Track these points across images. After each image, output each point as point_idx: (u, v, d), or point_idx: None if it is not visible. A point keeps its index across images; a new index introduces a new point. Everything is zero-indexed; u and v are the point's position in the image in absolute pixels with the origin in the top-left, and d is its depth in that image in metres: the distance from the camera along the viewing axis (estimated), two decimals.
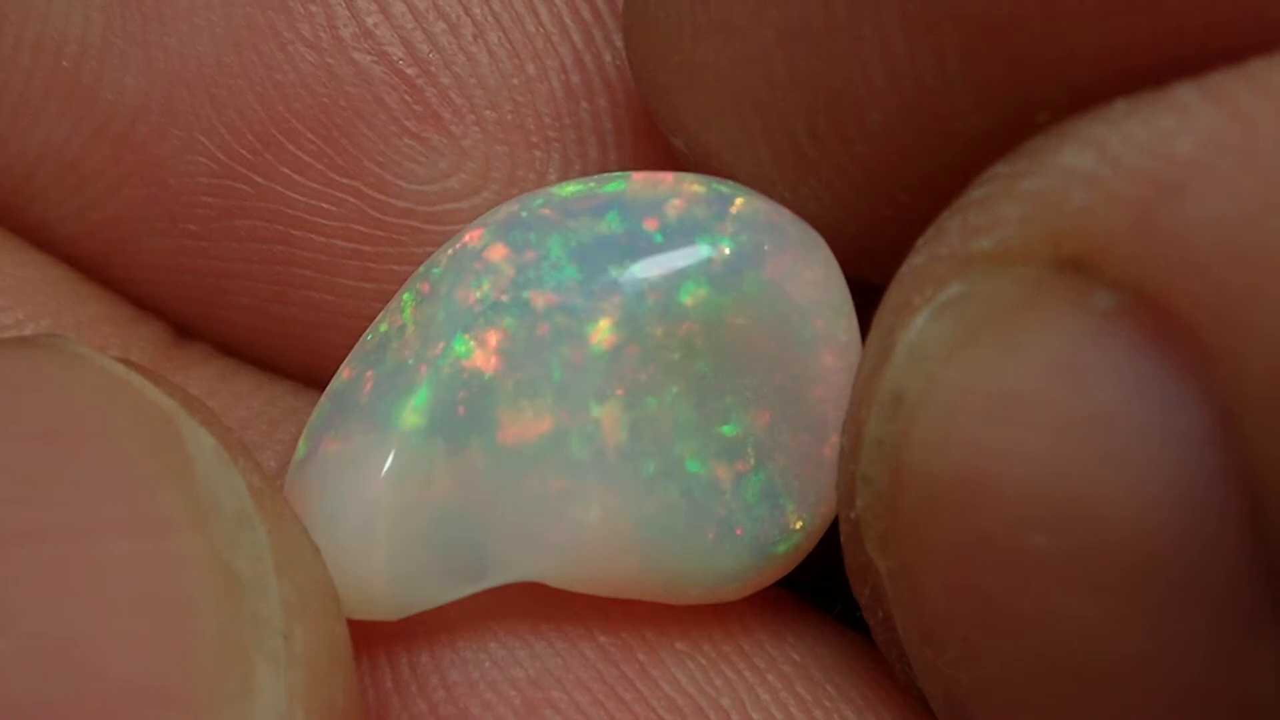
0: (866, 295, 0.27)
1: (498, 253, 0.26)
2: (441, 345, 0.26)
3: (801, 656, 0.27)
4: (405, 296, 0.27)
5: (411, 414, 0.26)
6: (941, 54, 0.24)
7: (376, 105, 0.28)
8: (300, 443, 0.27)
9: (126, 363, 0.24)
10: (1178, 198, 0.21)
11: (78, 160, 0.29)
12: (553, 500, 0.26)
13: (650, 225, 0.26)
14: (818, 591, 0.28)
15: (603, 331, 0.26)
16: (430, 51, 0.28)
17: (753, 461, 0.26)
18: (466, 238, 0.27)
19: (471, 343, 0.26)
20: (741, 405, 0.26)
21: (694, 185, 0.27)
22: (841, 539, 0.26)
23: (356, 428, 0.26)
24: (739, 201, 0.26)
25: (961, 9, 0.24)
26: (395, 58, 0.28)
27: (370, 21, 0.28)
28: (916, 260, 0.24)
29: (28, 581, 0.22)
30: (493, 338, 0.26)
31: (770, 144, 0.26)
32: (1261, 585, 0.21)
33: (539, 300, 0.26)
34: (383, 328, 0.27)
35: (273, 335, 0.30)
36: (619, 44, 0.29)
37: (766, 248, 0.26)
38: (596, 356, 0.26)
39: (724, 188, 0.27)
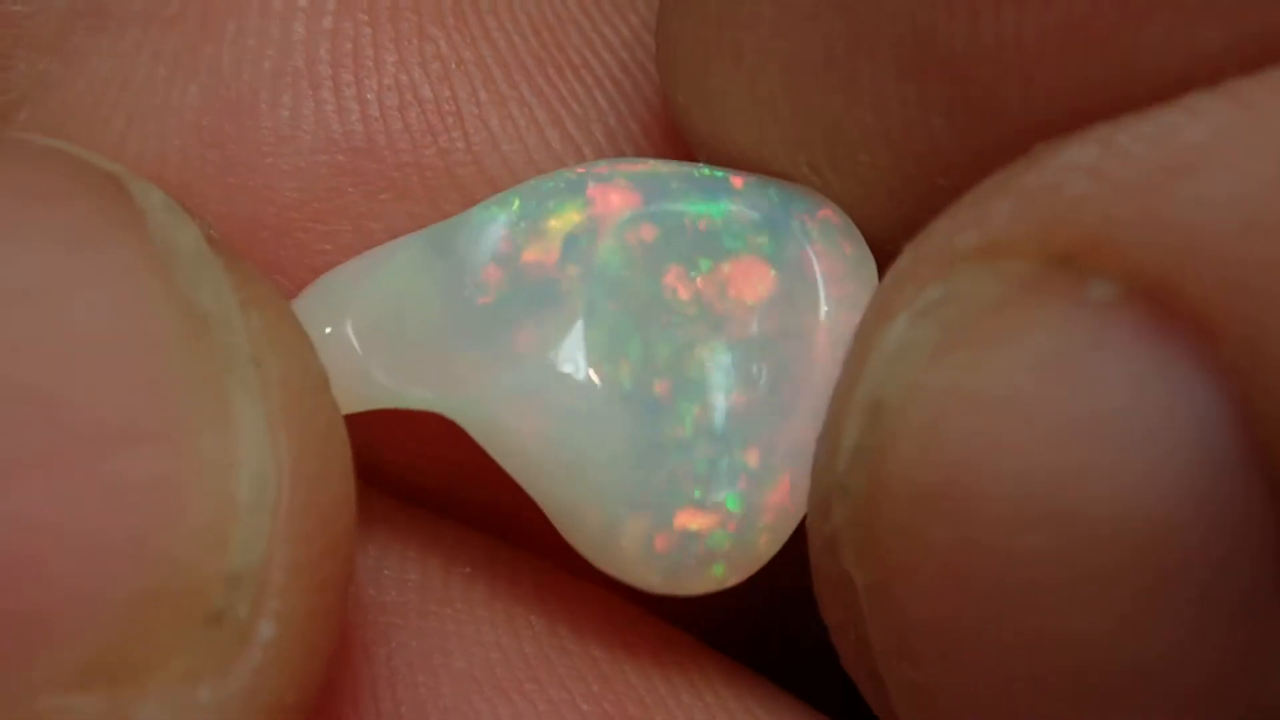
0: None
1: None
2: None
3: None
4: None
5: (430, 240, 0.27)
6: (928, 105, 0.24)
7: None
8: None
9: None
10: (1187, 179, 0.21)
11: None
12: (531, 351, 0.26)
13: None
14: (789, 613, 0.28)
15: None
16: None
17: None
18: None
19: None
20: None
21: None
22: (812, 555, 0.25)
23: None
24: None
25: (947, 61, 0.24)
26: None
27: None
28: (901, 262, 0.24)
29: None
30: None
31: (778, 169, 0.26)
32: None
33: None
34: None
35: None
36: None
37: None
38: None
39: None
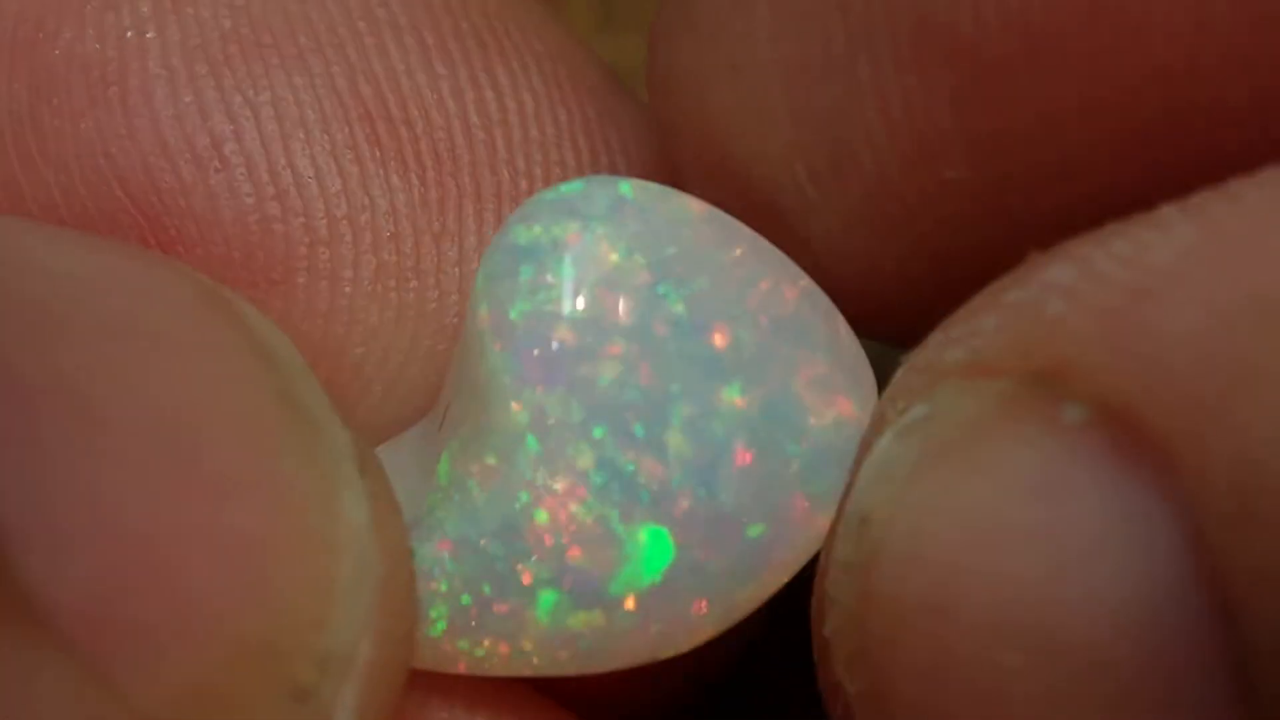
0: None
1: None
2: None
3: None
4: None
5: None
6: (933, 97, 0.24)
7: None
8: None
9: None
10: (1148, 305, 0.21)
11: None
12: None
13: None
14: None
15: None
16: None
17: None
18: None
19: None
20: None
21: None
22: (815, 656, 0.25)
23: None
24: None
25: (952, 51, 0.24)
26: None
27: None
28: (897, 374, 0.24)
29: (136, 380, 0.22)
30: None
31: (775, 186, 0.26)
32: (1233, 701, 0.21)
33: None
34: None
35: None
36: None
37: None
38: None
39: None
